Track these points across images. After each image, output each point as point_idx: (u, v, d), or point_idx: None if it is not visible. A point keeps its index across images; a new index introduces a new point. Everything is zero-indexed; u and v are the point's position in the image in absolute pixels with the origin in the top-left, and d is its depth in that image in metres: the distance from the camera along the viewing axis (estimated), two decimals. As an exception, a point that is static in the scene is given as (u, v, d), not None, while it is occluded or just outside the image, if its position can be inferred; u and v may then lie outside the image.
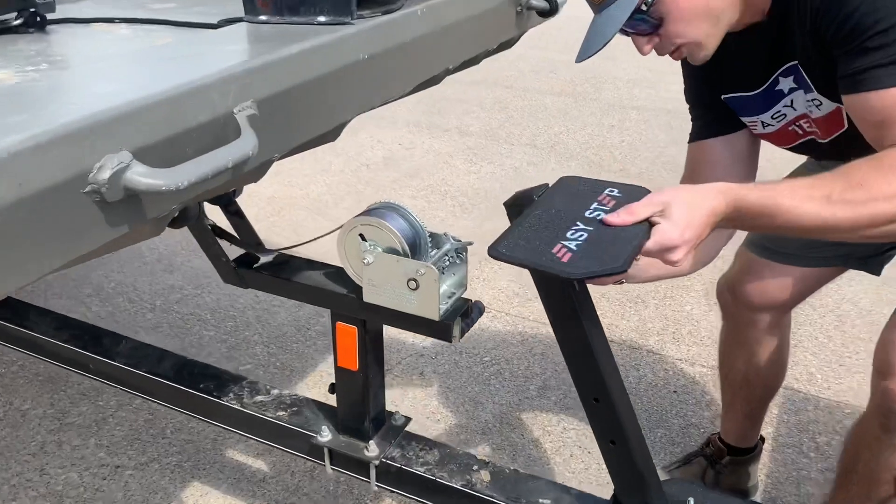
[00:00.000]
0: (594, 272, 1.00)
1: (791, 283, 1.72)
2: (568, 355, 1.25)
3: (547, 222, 1.13)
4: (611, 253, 1.04)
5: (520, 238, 1.09)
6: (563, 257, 1.03)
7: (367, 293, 1.33)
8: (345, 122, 1.07)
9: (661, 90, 5.28)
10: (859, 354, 2.66)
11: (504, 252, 1.06)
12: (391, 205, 1.35)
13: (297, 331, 2.76)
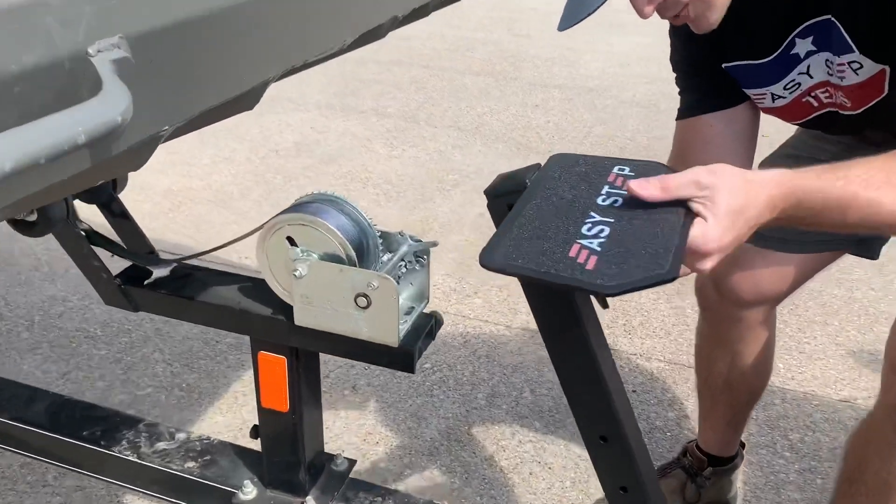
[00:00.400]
0: (636, 283, 0.72)
1: (787, 273, 1.50)
2: (568, 382, 0.97)
3: (550, 215, 0.84)
4: (648, 253, 0.76)
5: (520, 239, 0.81)
6: (588, 263, 0.75)
7: (299, 314, 1.02)
8: (266, 82, 0.75)
9: (581, 68, 5.10)
10: (817, 339, 2.52)
11: (504, 261, 0.77)
12: (328, 196, 1.03)
13: (205, 344, 2.39)
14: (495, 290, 2.69)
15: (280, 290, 1.05)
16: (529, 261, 0.76)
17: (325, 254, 0.99)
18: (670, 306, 2.63)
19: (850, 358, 2.42)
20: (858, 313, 2.64)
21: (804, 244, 1.47)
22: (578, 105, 4.46)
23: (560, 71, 5.06)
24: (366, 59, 5.21)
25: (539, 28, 6.03)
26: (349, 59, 5.41)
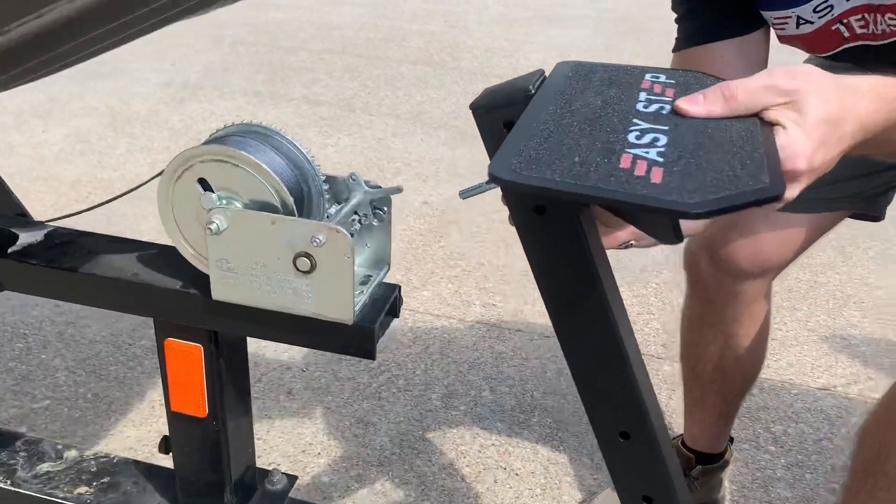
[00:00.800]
0: (733, 200, 0.50)
1: (790, 237, 1.31)
2: (579, 360, 0.74)
3: (578, 123, 0.61)
4: (732, 165, 0.54)
5: (541, 151, 0.57)
6: (651, 175, 0.52)
7: (217, 285, 0.76)
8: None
9: (521, 59, 4.92)
10: (788, 325, 2.37)
11: (528, 174, 0.54)
12: (254, 127, 0.78)
13: (116, 349, 2.08)
14: (445, 282, 2.46)
15: (191, 254, 0.79)
16: (564, 174, 0.53)
17: (251, 201, 0.74)
18: (631, 294, 2.44)
19: (824, 344, 2.28)
20: (826, 298, 2.50)
21: (810, 202, 1.29)
22: (521, 93, 4.27)
23: (500, 61, 4.87)
24: (295, 48, 4.93)
25: (476, 20, 5.84)
26: (277, 46, 5.12)
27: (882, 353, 2.24)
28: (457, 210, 2.90)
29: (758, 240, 1.31)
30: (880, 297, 2.50)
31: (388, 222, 0.82)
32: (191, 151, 0.73)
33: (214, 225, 0.72)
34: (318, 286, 0.73)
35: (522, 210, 0.69)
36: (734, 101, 0.61)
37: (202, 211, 0.74)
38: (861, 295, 2.51)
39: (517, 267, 2.55)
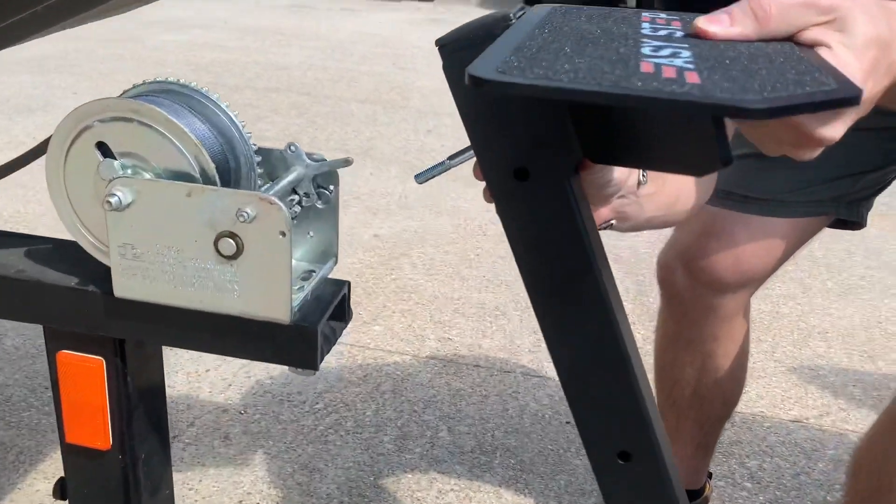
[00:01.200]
0: (803, 99, 0.38)
1: (773, 243, 1.22)
2: (569, 361, 0.61)
3: (573, 39, 0.49)
4: (784, 72, 0.42)
5: (536, 54, 0.45)
6: (686, 76, 0.40)
7: (120, 279, 0.61)
8: None
9: (472, 98, 4.87)
10: (754, 357, 2.25)
11: (517, 73, 0.41)
12: (172, 85, 0.64)
13: (31, 392, 1.87)
14: (398, 316, 2.31)
15: (89, 243, 0.64)
16: (572, 77, 0.40)
17: (164, 170, 0.60)
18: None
19: (793, 375, 2.19)
20: (790, 329, 2.43)
21: (791, 206, 1.20)
22: (472, 130, 4.20)
23: (450, 101, 4.77)
24: (240, 86, 4.80)
25: (424, 63, 5.81)
26: (221, 84, 4.97)
27: (851, 383, 2.16)
28: (408, 243, 2.77)
29: (738, 247, 1.21)
30: (844, 328, 2.44)
31: (335, 205, 0.68)
32: (87, 107, 0.58)
33: (116, 198, 0.57)
34: (245, 276, 0.59)
35: (500, 176, 0.57)
36: (767, 20, 0.49)
37: (101, 184, 0.60)
38: (824, 325, 2.45)
39: (473, 300, 2.42)
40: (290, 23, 7.00)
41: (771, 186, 1.19)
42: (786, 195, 1.19)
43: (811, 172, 1.18)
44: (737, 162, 1.24)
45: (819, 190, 1.19)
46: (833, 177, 1.17)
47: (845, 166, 1.17)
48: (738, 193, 1.21)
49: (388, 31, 7.00)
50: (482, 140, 0.56)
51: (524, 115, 0.54)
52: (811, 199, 1.19)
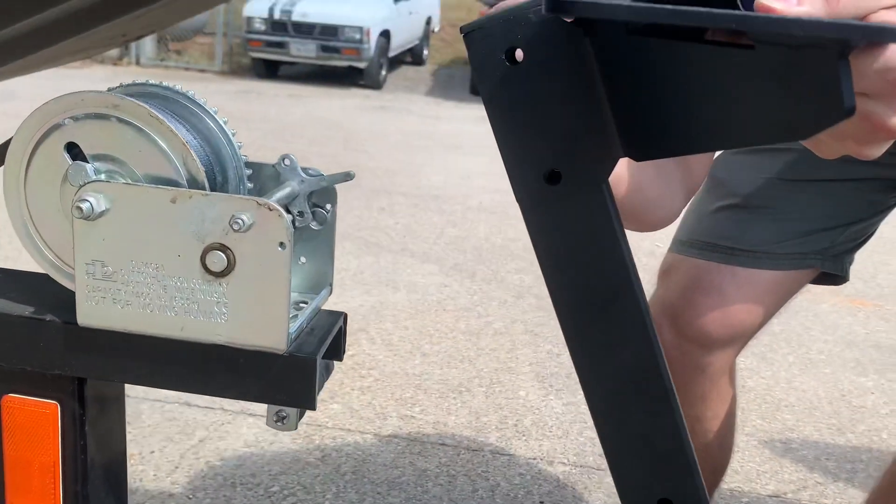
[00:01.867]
0: None
1: (761, 296, 1.18)
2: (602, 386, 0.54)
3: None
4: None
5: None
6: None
7: (86, 303, 0.53)
8: None
9: (423, 179, 4.89)
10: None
11: (600, 1, 0.35)
12: (154, 88, 0.57)
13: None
14: (357, 393, 2.19)
15: (47, 259, 0.55)
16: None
17: (144, 176, 0.52)
18: (562, 402, 2.25)
19: (765, 449, 2.14)
20: (758, 402, 2.40)
21: (777, 258, 1.17)
22: (426, 209, 4.19)
23: (403, 180, 4.82)
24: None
25: (375, 146, 5.85)
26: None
27: (823, 456, 2.12)
28: (364, 318, 2.68)
29: (726, 301, 1.16)
30: (809, 401, 2.42)
31: (332, 227, 0.61)
32: (58, 102, 0.51)
33: (87, 204, 0.49)
34: (236, 296, 0.51)
35: (529, 180, 0.51)
36: (836, 0, 0.46)
37: (69, 191, 0.52)
38: (790, 399, 2.42)
39: (435, 376, 2.33)
40: (238, 106, 7.00)
41: (757, 237, 1.16)
42: (772, 246, 1.16)
43: (797, 224, 1.16)
44: (723, 213, 1.22)
45: (805, 242, 1.16)
46: (819, 228, 1.16)
47: (831, 217, 1.16)
48: (724, 245, 1.18)
49: (338, 115, 7.06)
50: (510, 137, 0.50)
51: (559, 107, 0.49)
52: (797, 252, 1.17)
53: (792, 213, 1.17)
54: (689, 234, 1.22)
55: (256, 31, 8.67)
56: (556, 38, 0.48)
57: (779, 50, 0.37)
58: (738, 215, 1.17)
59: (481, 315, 2.83)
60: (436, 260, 3.38)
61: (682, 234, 1.24)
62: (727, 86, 0.42)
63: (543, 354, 2.55)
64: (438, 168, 5.24)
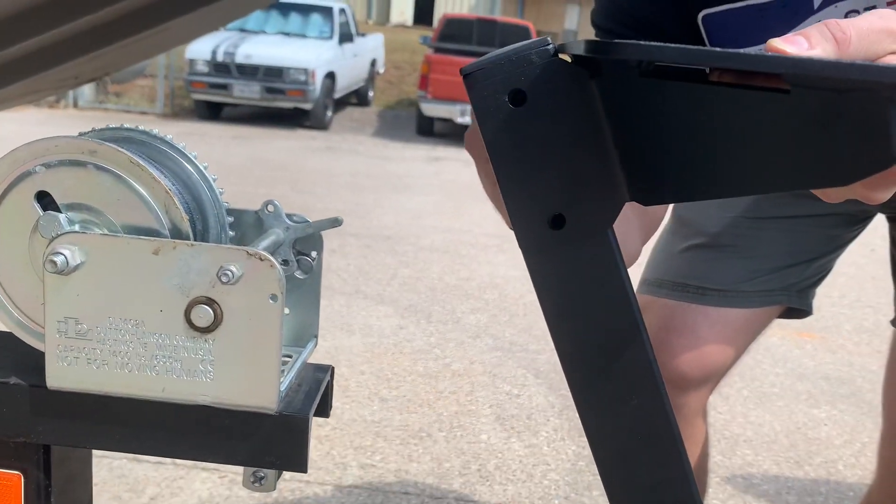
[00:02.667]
0: None
1: (733, 335, 1.18)
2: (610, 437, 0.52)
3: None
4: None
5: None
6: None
7: (56, 364, 0.49)
8: None
9: (374, 220, 4.87)
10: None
11: (646, 43, 0.34)
12: (131, 132, 0.54)
13: None
14: (314, 443, 2.13)
15: (13, 317, 0.51)
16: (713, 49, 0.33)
17: (123, 225, 0.49)
18: (524, 445, 2.23)
19: (728, 485, 2.14)
20: (717, 438, 2.41)
21: (746, 296, 1.18)
22: (378, 251, 4.16)
23: (353, 221, 4.78)
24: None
25: (324, 187, 5.81)
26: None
27: (784, 490, 2.13)
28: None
29: (700, 341, 1.16)
30: (766, 435, 2.44)
31: (318, 275, 0.58)
32: (30, 147, 0.47)
33: (61, 258, 0.45)
34: (223, 353, 0.48)
35: (532, 225, 0.49)
36: (847, 43, 0.45)
37: (40, 243, 0.48)
38: (748, 434, 2.44)
39: (395, 422, 2.28)
40: (184, 149, 6.89)
41: (727, 276, 1.17)
42: (742, 285, 1.17)
43: (764, 261, 1.17)
44: (691, 252, 1.22)
45: (773, 279, 1.18)
46: (785, 265, 1.17)
47: (796, 254, 1.18)
48: (694, 285, 1.18)
49: (284, 156, 7.01)
50: (513, 182, 0.49)
51: (564, 150, 0.47)
52: (766, 289, 1.18)
53: (758, 251, 1.18)
54: (659, 274, 1.22)
55: (199, 73, 8.58)
56: (560, 80, 0.46)
57: (818, 94, 0.37)
58: (706, 255, 1.17)
59: (439, 357, 2.80)
60: (390, 301, 3.34)
61: (651, 274, 1.24)
62: (752, 130, 0.41)
63: (503, 396, 2.52)
64: (388, 208, 5.22)
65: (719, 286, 1.16)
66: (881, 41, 0.46)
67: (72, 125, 7.77)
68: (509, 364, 2.77)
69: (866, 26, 0.46)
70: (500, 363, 2.78)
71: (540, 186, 0.48)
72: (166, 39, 1.21)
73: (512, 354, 2.86)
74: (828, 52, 0.45)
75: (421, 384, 2.55)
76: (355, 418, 2.29)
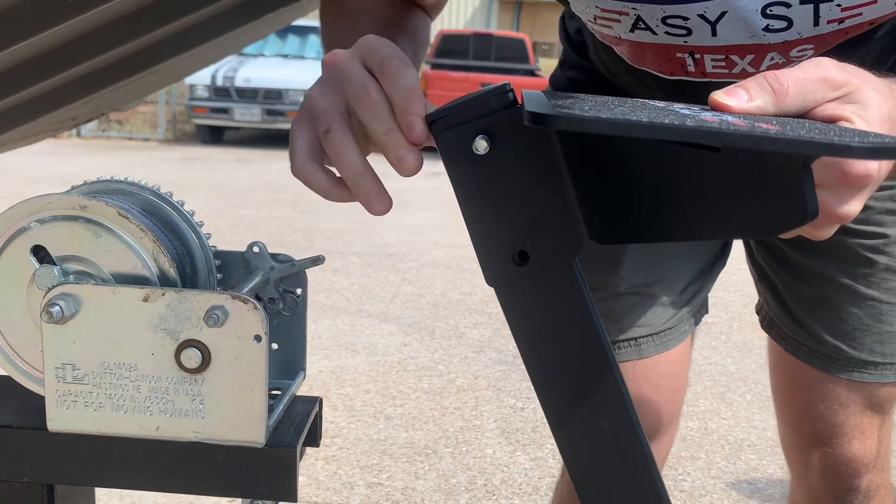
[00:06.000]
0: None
1: (680, 375, 1.13)
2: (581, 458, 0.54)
3: (606, 104, 0.45)
4: (847, 131, 0.40)
5: (580, 105, 0.41)
6: (762, 125, 0.37)
7: (56, 408, 0.51)
8: None
9: (376, 237, 4.90)
10: (692, 476, 2.24)
11: (575, 112, 0.37)
12: (120, 184, 0.57)
13: None
14: (321, 463, 2.15)
15: (16, 365, 0.54)
16: (639, 117, 0.36)
17: (113, 275, 0.52)
18: (529, 458, 2.25)
19: (732, 490, 2.16)
20: (720, 444, 2.42)
21: (687, 320, 1.13)
22: (380, 268, 4.19)
23: (355, 240, 4.82)
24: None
25: (326, 206, 5.84)
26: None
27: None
28: (325, 384, 2.65)
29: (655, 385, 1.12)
30: (770, 439, 2.45)
31: (304, 311, 0.61)
32: (24, 206, 0.50)
33: (56, 308, 0.48)
34: (213, 391, 0.50)
35: (498, 261, 0.52)
36: (785, 94, 0.48)
37: (37, 294, 0.51)
38: (752, 438, 2.45)
39: (401, 439, 2.30)
40: (184, 174, 6.95)
41: (654, 318, 1.07)
42: (668, 322, 1.12)
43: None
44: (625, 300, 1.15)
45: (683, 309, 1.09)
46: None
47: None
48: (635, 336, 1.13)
49: (286, 177, 7.03)
50: (479, 221, 0.51)
51: (526, 192, 0.50)
52: (684, 318, 1.09)
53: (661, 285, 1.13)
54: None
55: (199, 98, 8.67)
56: (519, 127, 0.49)
57: (744, 154, 0.40)
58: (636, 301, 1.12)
59: (443, 373, 2.82)
60: (394, 319, 3.37)
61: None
62: (692, 183, 0.44)
63: (508, 409, 2.54)
64: (390, 225, 5.25)
65: (656, 329, 1.07)
66: (817, 90, 0.49)
67: (75, 154, 7.85)
68: (513, 377, 2.79)
69: (802, 76, 0.49)
70: (504, 377, 2.80)
71: (504, 225, 0.51)
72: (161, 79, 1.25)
73: (516, 367, 2.88)
74: (767, 102, 0.47)
75: (426, 401, 2.57)
76: (361, 437, 2.31)
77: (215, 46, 1.07)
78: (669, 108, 0.44)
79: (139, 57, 1.01)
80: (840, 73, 0.50)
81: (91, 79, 1.02)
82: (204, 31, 0.97)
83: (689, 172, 0.44)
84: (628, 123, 0.35)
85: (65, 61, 0.91)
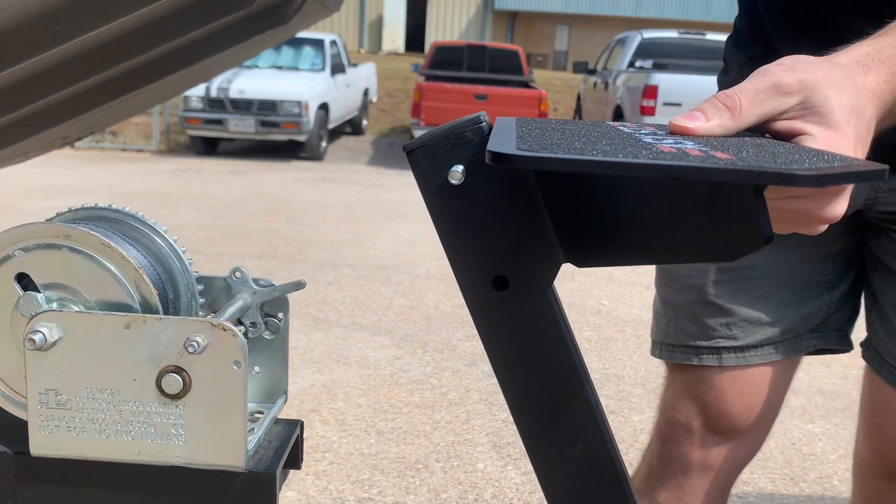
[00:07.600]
0: (843, 171, 0.37)
1: (770, 389, 1.08)
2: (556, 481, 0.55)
3: (565, 132, 0.47)
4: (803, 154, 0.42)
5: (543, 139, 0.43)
6: (715, 154, 0.38)
7: (39, 433, 0.52)
8: None
9: (370, 249, 4.91)
10: (681, 489, 2.24)
11: (538, 152, 0.38)
12: (104, 211, 0.58)
13: None
14: (312, 479, 2.15)
15: (1, 394, 0.54)
16: (598, 153, 0.37)
17: (97, 302, 0.53)
18: (520, 472, 2.25)
19: (722, 504, 2.16)
20: (710, 457, 2.42)
21: (785, 344, 1.12)
22: (373, 280, 4.19)
23: (349, 252, 4.83)
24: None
25: (320, 218, 5.86)
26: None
27: (779, 507, 2.15)
28: (316, 398, 2.65)
29: (745, 388, 1.11)
30: (762, 452, 2.44)
31: (285, 335, 0.62)
32: (8, 234, 0.51)
33: (39, 335, 0.49)
34: (193, 416, 0.51)
35: (477, 287, 0.53)
36: (738, 109, 0.49)
37: (20, 321, 0.52)
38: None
39: (392, 454, 2.30)
40: (178, 185, 6.95)
41: (739, 333, 1.08)
42: (775, 335, 1.10)
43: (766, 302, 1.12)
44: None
45: (806, 319, 1.11)
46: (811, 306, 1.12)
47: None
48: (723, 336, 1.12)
49: (280, 189, 7.07)
50: (458, 248, 0.53)
51: (502, 220, 0.51)
52: (796, 335, 1.10)
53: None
54: (672, 333, 1.12)
55: (194, 109, 8.68)
56: (494, 156, 0.50)
57: (701, 183, 0.41)
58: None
59: (435, 386, 2.83)
60: (386, 332, 3.37)
61: (667, 334, 1.13)
62: (655, 209, 0.45)
63: (499, 423, 2.55)
64: (384, 237, 5.26)
65: (753, 341, 1.07)
66: (770, 98, 0.50)
67: (69, 165, 7.84)
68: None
69: (752, 88, 0.50)
70: (496, 390, 2.80)
71: (482, 252, 0.52)
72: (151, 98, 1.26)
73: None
74: (724, 119, 0.49)
75: (417, 415, 2.58)
76: (352, 452, 2.31)
77: (203, 68, 1.08)
78: (633, 137, 0.45)
79: (129, 78, 1.02)
80: (789, 76, 0.51)
81: (81, 100, 1.03)
82: (191, 53, 0.98)
83: (653, 199, 0.45)
84: (582, 161, 0.37)
85: (54, 84, 0.92)
